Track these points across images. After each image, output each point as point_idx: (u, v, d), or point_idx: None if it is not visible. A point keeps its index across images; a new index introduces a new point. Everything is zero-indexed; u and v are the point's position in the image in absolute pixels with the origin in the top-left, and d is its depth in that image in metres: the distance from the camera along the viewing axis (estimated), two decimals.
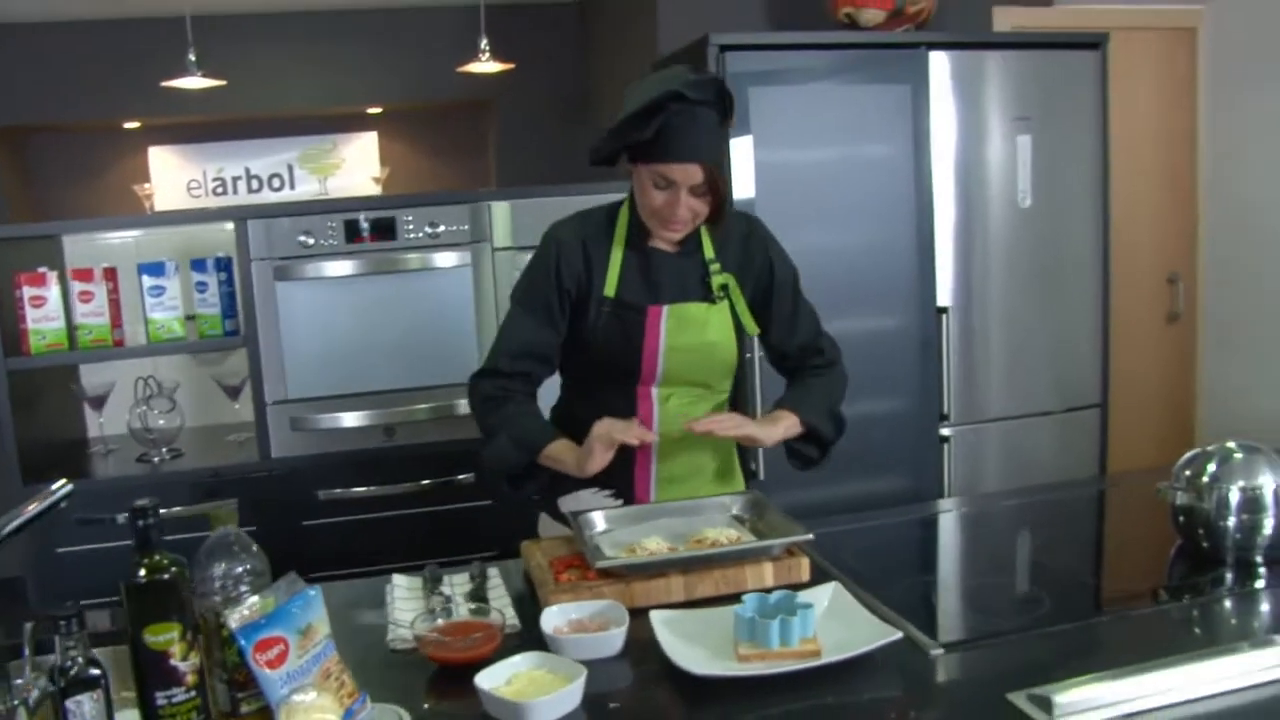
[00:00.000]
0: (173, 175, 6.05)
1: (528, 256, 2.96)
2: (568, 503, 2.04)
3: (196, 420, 3.32)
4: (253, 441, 3.13)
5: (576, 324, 1.96)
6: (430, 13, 4.83)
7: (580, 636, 1.49)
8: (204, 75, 3.57)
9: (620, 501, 2.00)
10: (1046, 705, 1.24)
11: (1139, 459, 4.19)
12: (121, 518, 2.92)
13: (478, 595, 1.72)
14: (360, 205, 2.97)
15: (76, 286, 2.86)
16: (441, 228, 2.99)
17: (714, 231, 1.97)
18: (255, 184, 5.75)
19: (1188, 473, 1.80)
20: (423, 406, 3.05)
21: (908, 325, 3.45)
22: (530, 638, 1.54)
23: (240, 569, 1.26)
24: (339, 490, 2.99)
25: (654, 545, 1.73)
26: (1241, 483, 1.73)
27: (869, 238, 3.38)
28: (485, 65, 3.60)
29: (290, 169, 5.72)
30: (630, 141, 1.80)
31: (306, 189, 5.65)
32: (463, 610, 1.57)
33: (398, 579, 1.81)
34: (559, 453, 1.88)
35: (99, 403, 3.12)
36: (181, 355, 3.27)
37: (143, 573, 1.16)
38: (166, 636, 1.16)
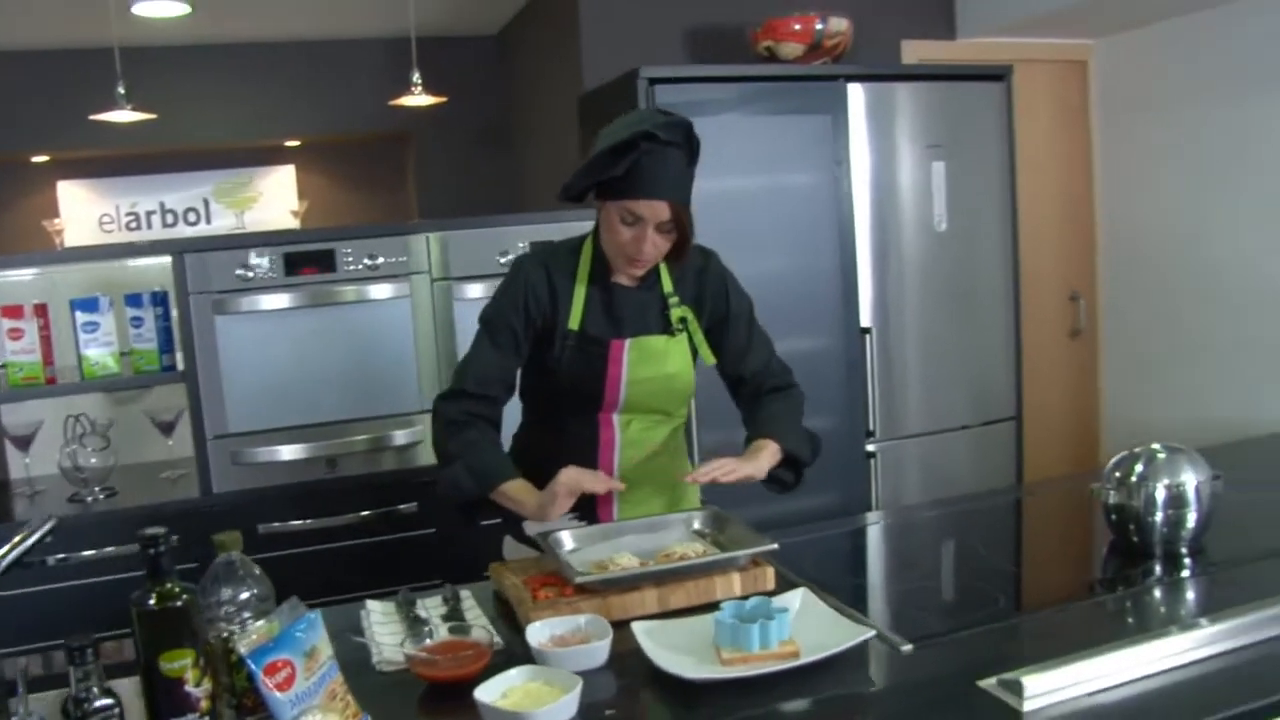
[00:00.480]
0: (83, 210, 5.88)
1: (467, 287, 3.07)
2: (533, 525, 2.09)
3: (127, 458, 3.26)
4: (187, 478, 3.09)
5: (542, 354, 2.01)
6: (351, 46, 4.85)
7: (568, 649, 1.53)
8: (134, 109, 3.53)
9: (585, 522, 2.05)
10: (1017, 689, 1.33)
11: (1051, 468, 4.40)
12: (53, 559, 2.86)
13: (454, 616, 1.75)
14: (299, 238, 2.97)
15: (5, 324, 2.79)
16: (380, 259, 3.01)
17: (673, 266, 2.04)
18: (170, 218, 5.63)
19: (1118, 473, 1.93)
20: (363, 438, 3.05)
21: (833, 346, 3.58)
22: (514, 655, 1.57)
23: (247, 594, 1.27)
24: (279, 524, 2.96)
25: (626, 561, 1.79)
26: (1166, 481, 1.87)
27: (795, 262, 3.51)
28: (418, 98, 3.64)
29: (206, 203, 5.62)
30: (602, 178, 1.85)
31: (223, 223, 5.56)
32: (442, 632, 1.60)
33: (372, 604, 1.83)
34: (517, 493, 1.92)
35: (24, 443, 3.05)
36: (111, 393, 3.21)
37: (154, 600, 1.17)
38: (181, 663, 1.18)
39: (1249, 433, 3.36)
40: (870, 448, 3.65)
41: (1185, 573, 1.82)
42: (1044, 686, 1.34)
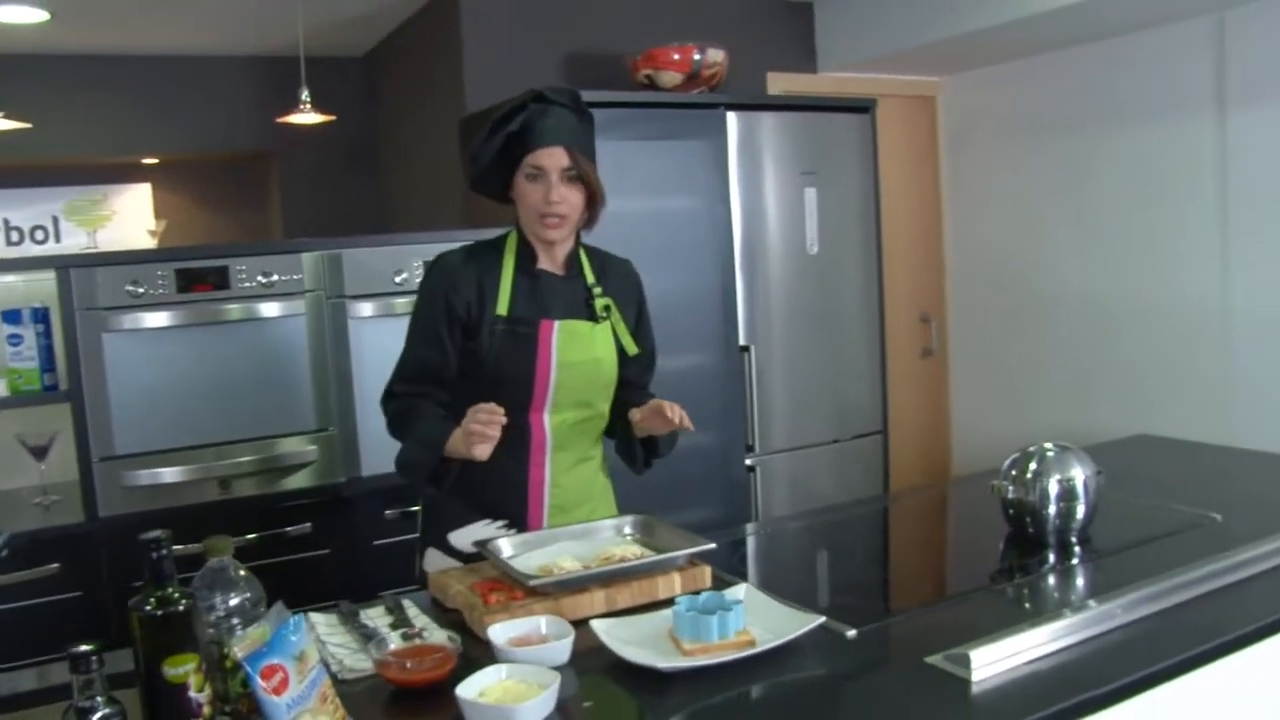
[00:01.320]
0: None
1: (361, 305, 3.04)
2: (459, 537, 2.11)
3: None
4: (61, 504, 2.95)
5: (471, 347, 2.04)
6: (213, 63, 4.72)
7: (533, 648, 1.57)
8: (5, 117, 3.33)
9: (514, 530, 2.09)
10: (964, 662, 1.46)
11: (910, 479, 4.66)
12: None
13: (402, 624, 1.76)
14: (193, 254, 2.89)
15: None
16: (275, 276, 2.96)
17: (594, 259, 2.16)
18: (15, 236, 5.27)
19: (1014, 471, 2.10)
20: (256, 458, 2.98)
21: (715, 363, 3.72)
22: (472, 658, 1.60)
23: (239, 599, 1.27)
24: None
25: (570, 564, 1.83)
26: (1058, 476, 2.05)
27: (679, 283, 3.62)
28: (306, 116, 3.58)
29: (55, 221, 5.31)
30: (499, 133, 1.98)
31: (74, 241, 5.26)
32: (395, 639, 1.61)
33: (315, 617, 1.82)
34: (455, 444, 1.96)
35: None
36: None
37: (154, 605, 1.16)
38: (185, 668, 1.16)
39: (1088, 441, 3.69)
40: (750, 462, 3.79)
41: (1075, 560, 2.00)
42: (988, 658, 1.47)
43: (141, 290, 2.80)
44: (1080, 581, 1.92)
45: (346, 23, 4.05)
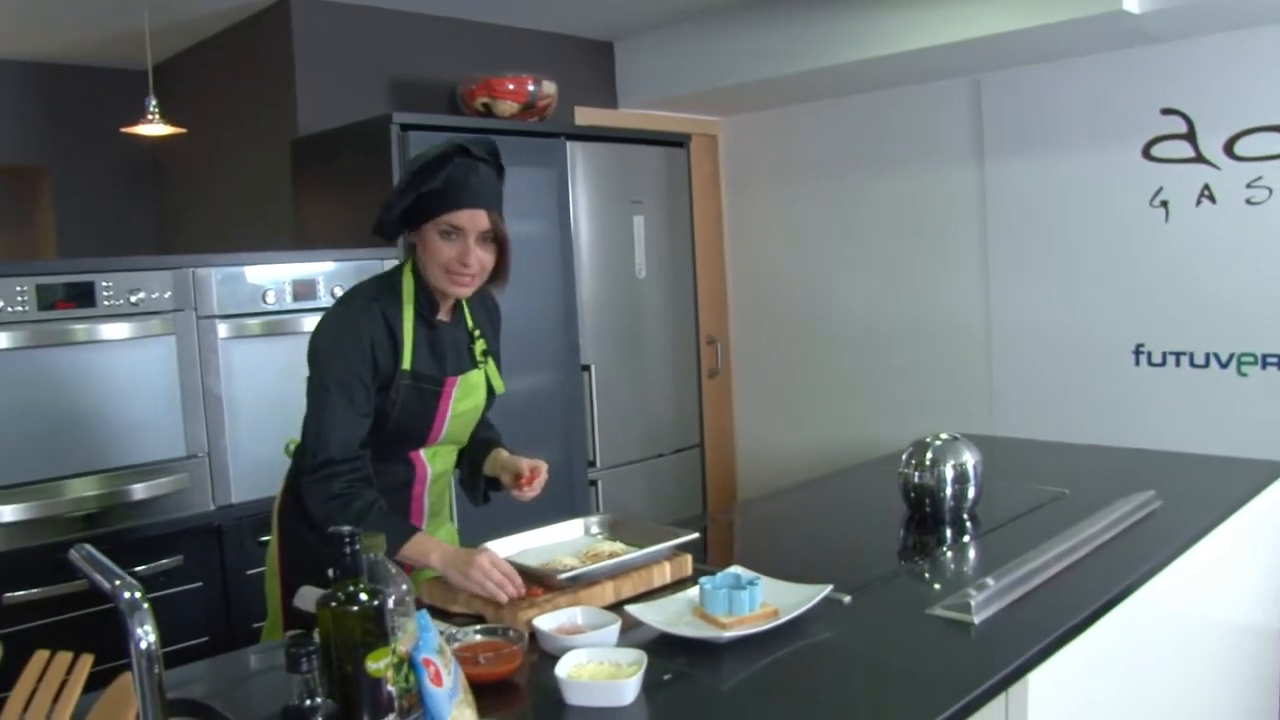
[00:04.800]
0: None
1: (226, 325, 2.93)
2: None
3: None
4: None
5: (378, 399, 1.97)
6: None
7: (595, 633, 1.67)
8: None
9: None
10: (966, 608, 1.73)
11: (712, 492, 4.99)
12: None
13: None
14: (56, 269, 2.67)
15: None
16: (142, 294, 2.80)
17: (471, 302, 2.13)
18: None
19: (914, 460, 2.42)
20: (127, 488, 2.79)
21: (558, 382, 3.86)
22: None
23: (396, 594, 1.30)
24: (26, 592, 2.62)
25: (571, 561, 1.95)
26: (953, 461, 2.39)
27: (523, 305, 3.72)
28: (155, 128, 3.35)
29: None
30: (422, 190, 1.90)
31: None
32: (471, 635, 1.66)
33: None
34: (419, 550, 1.87)
35: None
36: None
37: (346, 600, 1.18)
38: (385, 661, 1.19)
39: (860, 450, 4.18)
40: (592, 476, 3.96)
41: (967, 537, 2.34)
42: (982, 603, 1.74)
43: None
44: (989, 548, 2.25)
45: (135, 34, 3.84)
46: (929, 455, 2.42)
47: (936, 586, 2.01)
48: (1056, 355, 4.22)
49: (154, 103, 3.29)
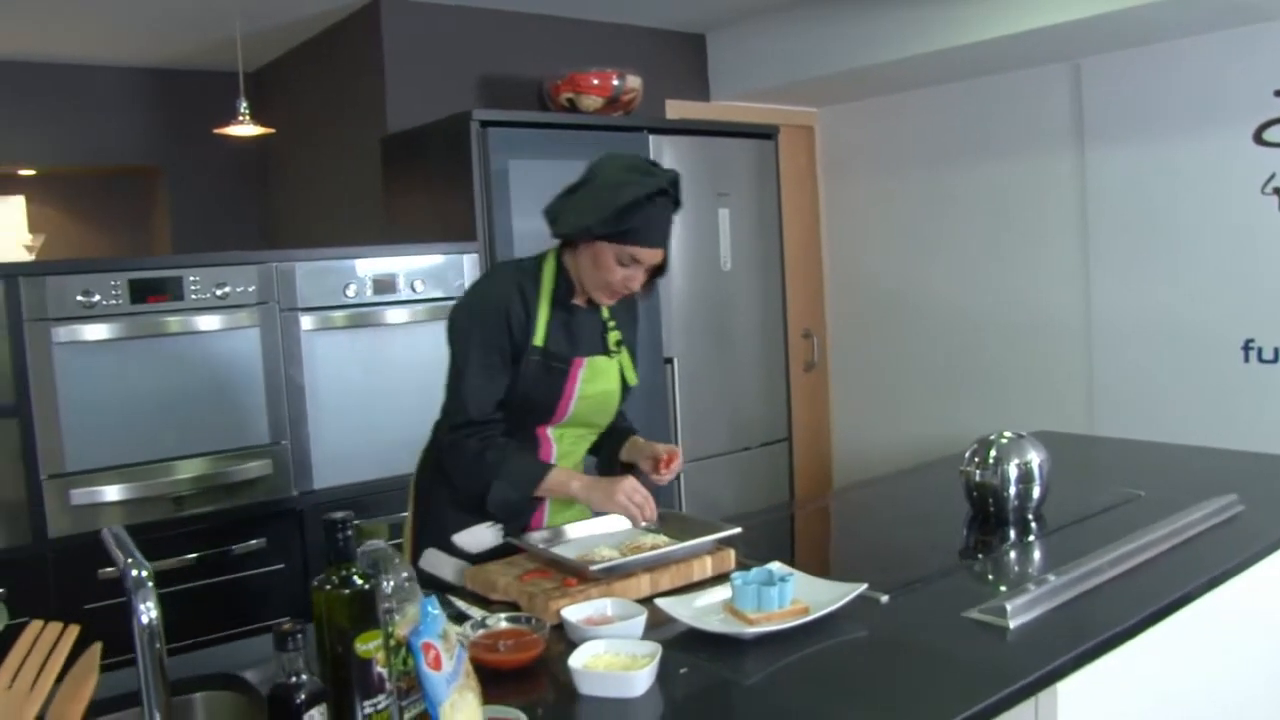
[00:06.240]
0: None
1: (309, 317, 3.04)
2: (465, 538, 2.17)
3: None
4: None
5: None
6: (99, 73, 4.53)
7: (618, 624, 1.69)
8: None
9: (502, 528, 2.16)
10: (1001, 612, 1.67)
11: (803, 485, 4.94)
12: None
13: (461, 617, 1.83)
14: (147, 264, 2.83)
15: None
16: (229, 288, 2.94)
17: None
18: None
19: (977, 458, 2.35)
20: (209, 473, 2.94)
21: (642, 375, 3.86)
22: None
23: (396, 580, 1.33)
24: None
25: (609, 554, 1.96)
26: (1017, 460, 2.31)
27: None
28: (245, 128, 3.53)
29: None
30: (622, 228, 1.99)
31: None
32: (495, 623, 1.70)
33: None
34: (559, 482, 2.07)
35: None
36: None
37: (339, 584, 1.22)
38: (375, 644, 1.23)
39: (956, 445, 4.05)
40: None
41: (1031, 537, 2.26)
42: (1019, 608, 1.69)
43: (94, 300, 2.73)
44: (1050, 549, 2.17)
45: (233, 41, 4.02)
46: (992, 453, 2.34)
47: (982, 588, 1.96)
48: (1161, 351, 4.03)
49: (244, 104, 3.45)
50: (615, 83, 3.96)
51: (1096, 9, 3.54)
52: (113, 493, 2.79)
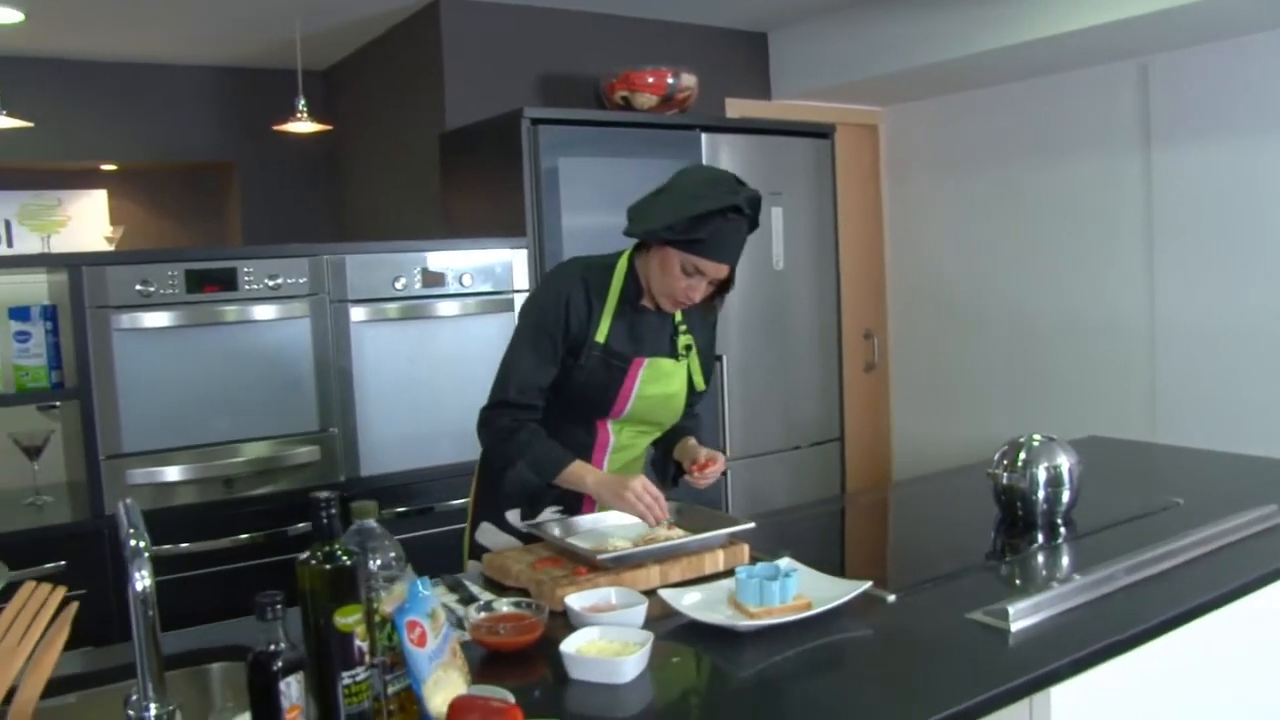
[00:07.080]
0: None
1: (359, 309, 3.13)
2: (516, 516, 2.23)
3: None
4: (54, 505, 2.98)
5: (567, 363, 2.15)
6: (174, 71, 4.73)
7: (616, 612, 1.71)
8: (8, 115, 3.30)
9: (565, 513, 2.23)
10: (1003, 615, 1.65)
11: (857, 484, 4.90)
12: None
13: (470, 599, 1.87)
14: (202, 255, 2.95)
15: None
16: (281, 279, 3.04)
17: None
18: None
19: (1005, 461, 2.32)
20: (261, 457, 3.04)
21: None
22: (547, 628, 1.73)
23: (385, 558, 1.38)
24: (174, 546, 2.90)
25: (622, 544, 1.99)
26: (1046, 464, 2.27)
27: None
28: (303, 125, 3.66)
29: (8, 225, 5.20)
30: (690, 237, 2.01)
31: (27, 246, 5.16)
32: (504, 607, 1.74)
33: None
34: (576, 475, 2.09)
35: None
36: None
37: (323, 559, 1.27)
38: (355, 617, 1.27)
39: None
40: None
41: (1060, 540, 2.22)
42: (1023, 612, 1.67)
43: (152, 289, 2.85)
44: (1075, 554, 2.13)
45: (311, 39, 4.14)
46: (1021, 456, 2.31)
47: (994, 591, 1.92)
48: (1225, 357, 3.91)
49: (303, 102, 3.56)
50: (670, 81, 3.98)
51: (1164, 3, 3.44)
52: (168, 474, 2.91)
